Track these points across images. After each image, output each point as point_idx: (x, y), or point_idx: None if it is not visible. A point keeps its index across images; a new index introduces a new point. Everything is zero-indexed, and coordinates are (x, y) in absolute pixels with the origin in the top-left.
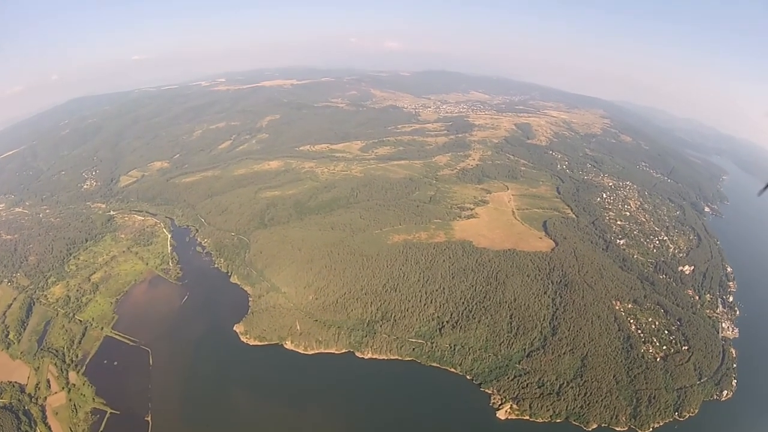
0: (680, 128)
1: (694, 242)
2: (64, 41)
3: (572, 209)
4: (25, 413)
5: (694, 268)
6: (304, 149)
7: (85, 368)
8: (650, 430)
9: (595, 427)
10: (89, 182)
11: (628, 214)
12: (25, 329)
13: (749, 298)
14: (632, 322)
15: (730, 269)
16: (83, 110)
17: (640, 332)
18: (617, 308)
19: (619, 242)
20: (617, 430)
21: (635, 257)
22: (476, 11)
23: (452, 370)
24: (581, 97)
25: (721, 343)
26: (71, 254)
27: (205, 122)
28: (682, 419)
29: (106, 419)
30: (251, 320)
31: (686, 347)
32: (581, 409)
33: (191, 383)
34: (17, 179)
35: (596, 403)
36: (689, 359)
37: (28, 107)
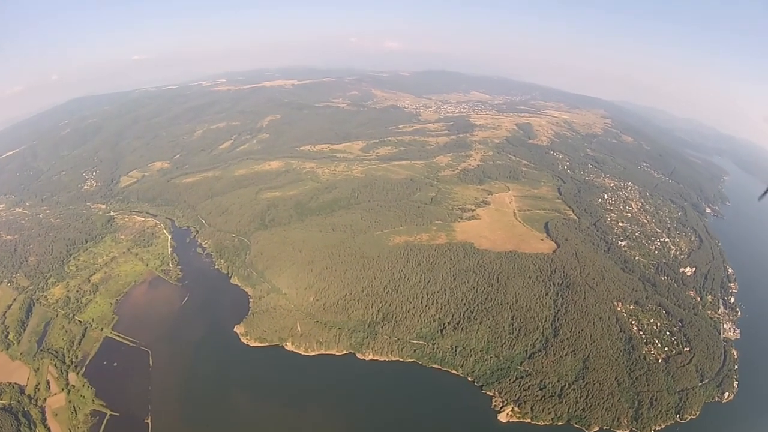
0: (680, 128)
1: (695, 243)
2: (64, 41)
3: (574, 210)
4: (24, 414)
5: (695, 269)
6: (304, 149)
7: (84, 369)
8: None
9: (596, 429)
10: (89, 182)
11: (629, 215)
12: (24, 330)
13: (750, 299)
14: (634, 323)
15: (731, 270)
16: (83, 110)
17: (641, 334)
18: (619, 309)
19: (620, 244)
20: None
21: (637, 259)
22: (476, 11)
23: (453, 371)
24: (582, 97)
25: (722, 344)
26: (71, 255)
27: (205, 122)
28: (683, 421)
29: (105, 421)
30: (252, 321)
31: (688, 349)
32: (583, 411)
33: (191, 385)
34: (17, 179)
35: (598, 405)
36: (691, 361)
37: (28, 107)
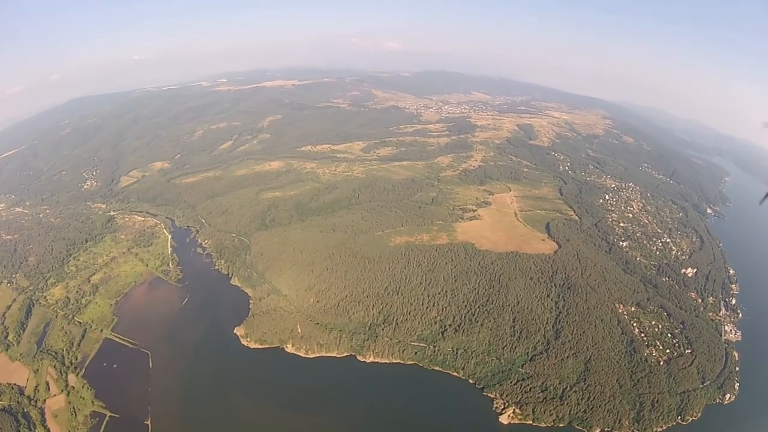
0: (681, 128)
1: (696, 244)
2: (64, 41)
3: (575, 211)
4: (24, 416)
5: (696, 270)
6: (305, 150)
7: (84, 371)
8: None
9: (598, 431)
10: (89, 182)
11: (630, 215)
12: (24, 331)
13: (751, 300)
14: (635, 325)
15: (732, 271)
16: (83, 110)
17: (643, 335)
18: (620, 311)
19: (622, 244)
20: None
21: (638, 259)
22: (476, 11)
23: (455, 374)
24: (582, 97)
25: (723, 346)
26: (71, 255)
27: (206, 122)
28: (684, 423)
29: (105, 422)
30: (252, 323)
31: (689, 350)
32: (584, 413)
33: (191, 386)
34: (17, 179)
35: (599, 407)
36: (692, 363)
37: (28, 107)
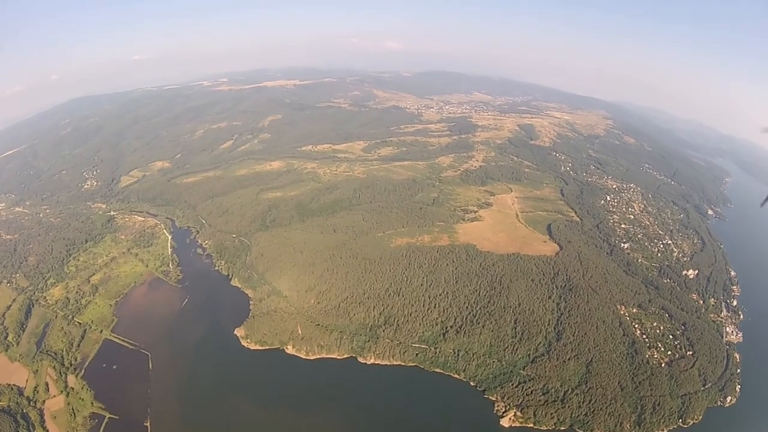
0: (681, 129)
1: (698, 246)
2: (64, 41)
3: (576, 212)
4: (23, 416)
5: (698, 272)
6: (306, 149)
7: (83, 372)
8: None
9: None
10: (90, 182)
11: (632, 217)
12: (24, 331)
13: (752, 301)
14: (637, 326)
15: (733, 273)
16: (84, 110)
17: (645, 337)
18: (622, 313)
19: (623, 246)
20: None
21: (640, 261)
22: (476, 11)
23: (456, 376)
24: (583, 97)
25: (725, 347)
26: (71, 255)
27: (206, 122)
28: (686, 426)
29: (104, 424)
30: (252, 324)
31: (691, 352)
32: (585, 416)
33: (191, 388)
34: (17, 179)
35: (601, 410)
36: (694, 365)
37: (28, 107)
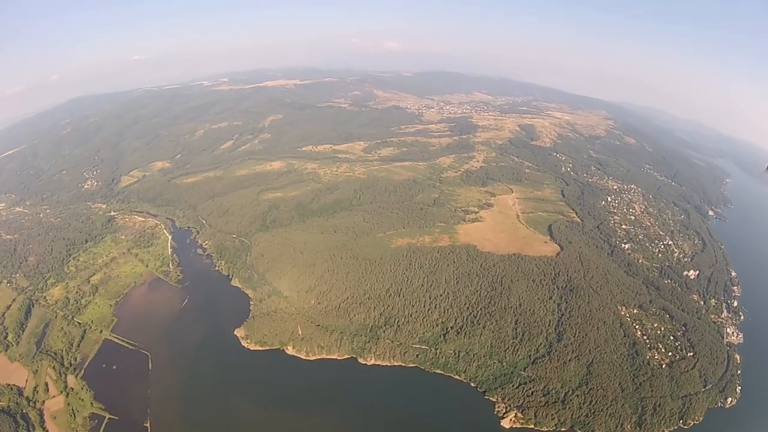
0: (681, 129)
1: (698, 246)
2: (64, 41)
3: (577, 213)
4: (23, 417)
5: (699, 272)
6: (306, 150)
7: (83, 372)
8: None
9: None
10: (90, 182)
11: (632, 217)
12: (23, 331)
13: (753, 302)
14: (638, 327)
15: (734, 273)
16: (84, 110)
17: (645, 338)
18: (623, 314)
19: (624, 246)
20: None
21: (640, 262)
22: (476, 11)
23: (456, 377)
24: (584, 98)
25: (725, 348)
26: (71, 255)
27: (207, 122)
28: (686, 427)
29: (104, 424)
30: (252, 324)
31: (692, 353)
32: (586, 417)
33: (191, 388)
34: (18, 178)
35: (601, 411)
36: (695, 366)
37: (28, 107)
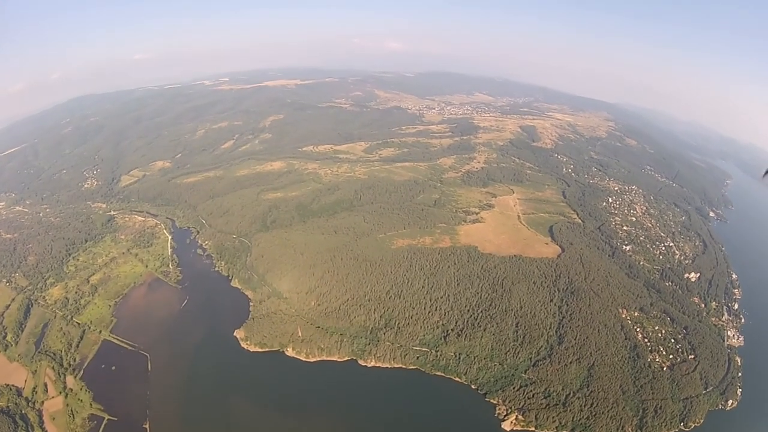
0: (682, 130)
1: (699, 248)
2: (64, 41)
3: (578, 214)
4: (22, 417)
5: (699, 274)
6: (307, 150)
7: (82, 372)
8: None
9: None
10: (90, 181)
11: (634, 219)
12: (23, 331)
13: (753, 304)
14: (639, 330)
15: (735, 276)
16: (85, 109)
17: (646, 341)
18: (624, 316)
19: (625, 248)
20: None
21: (641, 264)
22: (476, 12)
23: (457, 379)
24: (585, 99)
25: (726, 351)
26: (70, 255)
27: (207, 122)
28: (687, 429)
29: (103, 425)
30: (252, 326)
31: (692, 356)
32: (587, 420)
33: (190, 389)
34: (18, 177)
35: (602, 414)
36: (695, 368)
37: (29, 105)
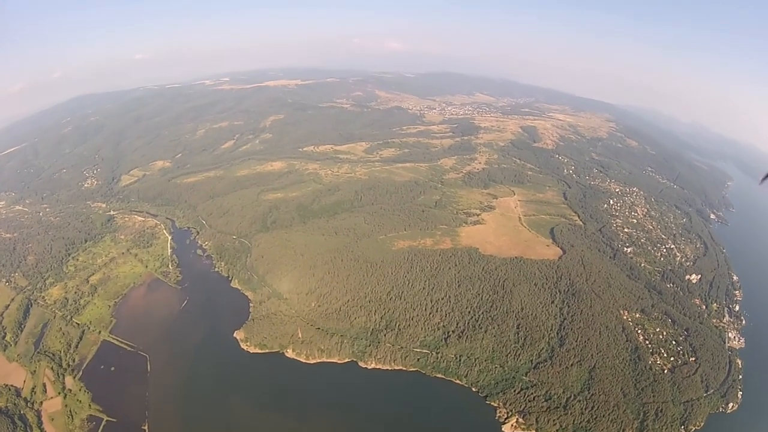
0: (683, 132)
1: (700, 250)
2: (64, 41)
3: (579, 216)
4: (20, 418)
5: (700, 276)
6: (307, 150)
7: (81, 373)
8: None
9: None
10: (90, 181)
11: (635, 221)
12: (22, 331)
13: (754, 306)
14: (640, 332)
15: (736, 278)
16: (85, 108)
17: (647, 343)
18: (625, 318)
19: (626, 250)
20: None
21: (642, 265)
22: (476, 12)
23: (458, 381)
24: (586, 100)
25: (727, 353)
26: (70, 255)
27: (208, 121)
28: None
29: (102, 426)
30: (252, 327)
31: (693, 358)
32: (588, 423)
33: (190, 391)
34: (18, 177)
35: (603, 417)
36: (696, 371)
37: (29, 105)
